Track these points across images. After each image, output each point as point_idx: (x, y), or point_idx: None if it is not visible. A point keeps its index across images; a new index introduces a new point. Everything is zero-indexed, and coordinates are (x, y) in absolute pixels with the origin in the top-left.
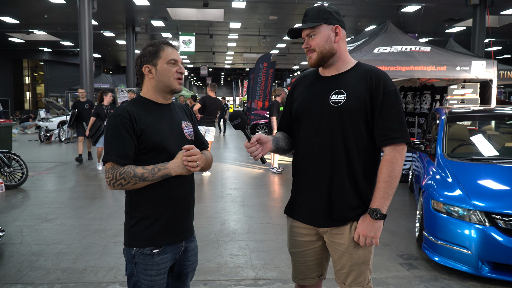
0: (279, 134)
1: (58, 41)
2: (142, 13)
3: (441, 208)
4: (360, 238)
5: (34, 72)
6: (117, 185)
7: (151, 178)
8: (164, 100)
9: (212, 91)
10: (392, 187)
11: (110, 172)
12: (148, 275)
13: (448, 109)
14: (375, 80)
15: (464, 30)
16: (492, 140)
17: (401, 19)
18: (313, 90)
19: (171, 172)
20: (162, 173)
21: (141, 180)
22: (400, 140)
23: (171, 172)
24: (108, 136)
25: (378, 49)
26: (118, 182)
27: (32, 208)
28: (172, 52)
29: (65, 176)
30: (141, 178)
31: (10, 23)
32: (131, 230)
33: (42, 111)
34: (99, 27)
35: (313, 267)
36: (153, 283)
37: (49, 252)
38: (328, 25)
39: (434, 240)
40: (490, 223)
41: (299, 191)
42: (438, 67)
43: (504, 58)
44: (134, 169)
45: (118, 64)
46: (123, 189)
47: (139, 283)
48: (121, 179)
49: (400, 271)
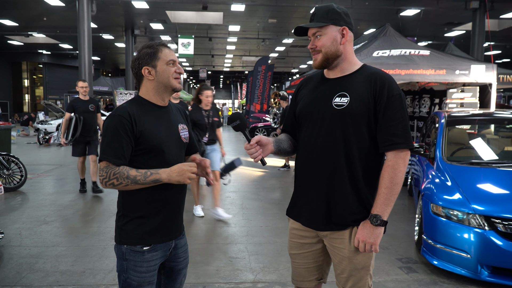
0: (283, 136)
1: (57, 43)
2: (141, 16)
3: (440, 212)
4: (359, 244)
5: (33, 75)
6: (109, 184)
7: (143, 181)
8: (162, 102)
9: None
10: (393, 194)
11: (104, 170)
12: (138, 271)
13: (447, 113)
14: (380, 83)
15: (463, 34)
16: (491, 144)
17: (400, 23)
18: (317, 92)
19: (162, 177)
20: (153, 177)
21: (133, 182)
22: (403, 146)
23: (162, 178)
24: (106, 136)
25: (377, 53)
26: (111, 182)
27: (31, 211)
28: (170, 53)
29: (63, 178)
30: (133, 180)
31: (9, 26)
32: (123, 228)
33: (41, 114)
34: (98, 30)
35: (313, 270)
36: (143, 279)
37: (48, 255)
38: (335, 26)
39: (433, 244)
40: (490, 227)
41: (300, 194)
42: (437, 70)
43: (503, 62)
44: (128, 170)
45: (117, 67)
46: (115, 189)
47: (129, 280)
48: (114, 179)
49: (399, 274)
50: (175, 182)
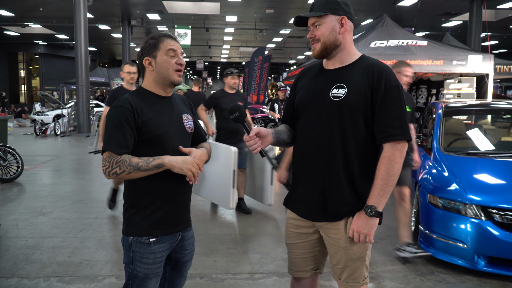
0: (282, 126)
1: (54, 34)
2: (138, 6)
3: (437, 202)
4: (354, 234)
5: (29, 66)
6: (112, 174)
7: (145, 167)
8: (164, 92)
9: (196, 86)
10: (389, 185)
11: (107, 160)
12: (145, 263)
13: (444, 103)
14: (377, 74)
15: (460, 24)
16: (488, 134)
17: (398, 13)
18: (315, 83)
19: (165, 162)
20: (156, 162)
21: (135, 169)
22: (400, 138)
23: (164, 162)
24: (109, 126)
25: (375, 43)
26: (114, 171)
27: (28, 202)
28: (171, 43)
29: (60, 169)
30: (135, 167)
31: (5, 16)
32: (130, 220)
33: (38, 105)
34: (94, 20)
35: (309, 260)
36: (149, 271)
37: (45, 246)
38: (334, 16)
39: (430, 234)
40: (486, 217)
41: (297, 184)
42: (434, 61)
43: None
44: (130, 158)
45: (114, 58)
46: (118, 178)
47: (135, 271)
48: (117, 167)
49: (395, 264)
50: (177, 169)
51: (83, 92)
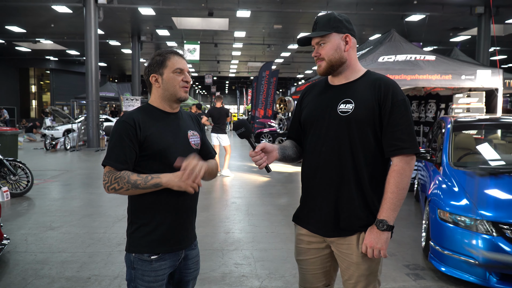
0: (287, 142)
1: (64, 50)
2: (148, 22)
3: (448, 218)
4: (367, 250)
5: (40, 81)
6: (111, 189)
7: (143, 186)
8: (170, 109)
9: (218, 102)
10: (399, 199)
11: (106, 175)
12: (146, 281)
13: (453, 118)
14: (384, 89)
15: (469, 39)
16: (498, 149)
17: (406, 28)
18: (322, 98)
19: (162, 181)
20: (154, 181)
21: (133, 187)
22: (409, 151)
23: (162, 182)
24: (111, 141)
25: (383, 58)
26: (112, 186)
27: (37, 216)
28: (178, 61)
29: (70, 184)
30: (133, 185)
31: (17, 32)
32: (132, 236)
33: (48, 120)
34: (105, 36)
35: (320, 276)
36: None
37: (53, 261)
38: (338, 34)
39: (441, 250)
40: (498, 233)
41: (306, 200)
42: (443, 75)
43: (509, 67)
44: (129, 175)
45: (124, 73)
46: (117, 194)
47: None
48: (115, 183)
49: (406, 281)
50: (176, 187)
51: (93, 107)
